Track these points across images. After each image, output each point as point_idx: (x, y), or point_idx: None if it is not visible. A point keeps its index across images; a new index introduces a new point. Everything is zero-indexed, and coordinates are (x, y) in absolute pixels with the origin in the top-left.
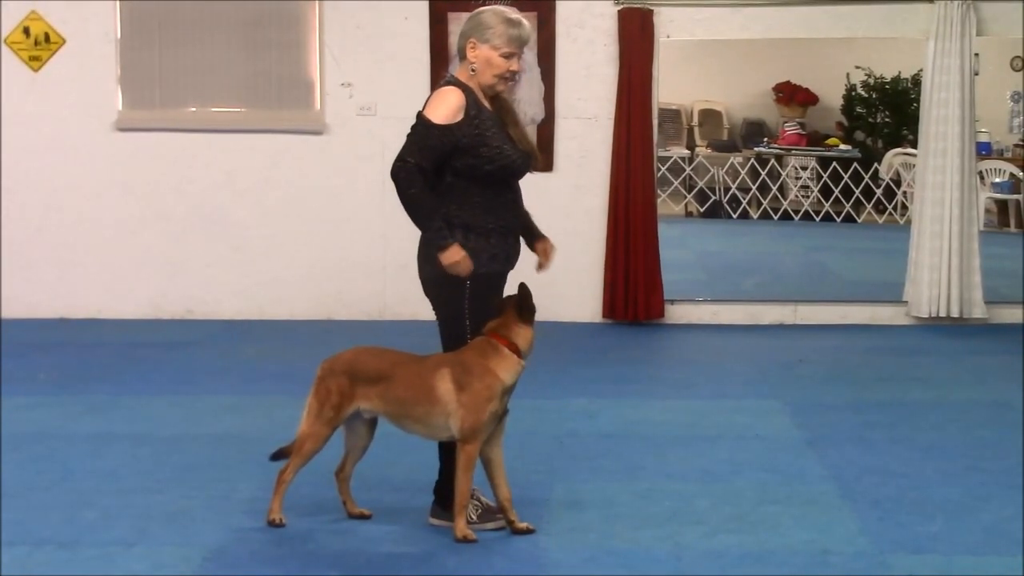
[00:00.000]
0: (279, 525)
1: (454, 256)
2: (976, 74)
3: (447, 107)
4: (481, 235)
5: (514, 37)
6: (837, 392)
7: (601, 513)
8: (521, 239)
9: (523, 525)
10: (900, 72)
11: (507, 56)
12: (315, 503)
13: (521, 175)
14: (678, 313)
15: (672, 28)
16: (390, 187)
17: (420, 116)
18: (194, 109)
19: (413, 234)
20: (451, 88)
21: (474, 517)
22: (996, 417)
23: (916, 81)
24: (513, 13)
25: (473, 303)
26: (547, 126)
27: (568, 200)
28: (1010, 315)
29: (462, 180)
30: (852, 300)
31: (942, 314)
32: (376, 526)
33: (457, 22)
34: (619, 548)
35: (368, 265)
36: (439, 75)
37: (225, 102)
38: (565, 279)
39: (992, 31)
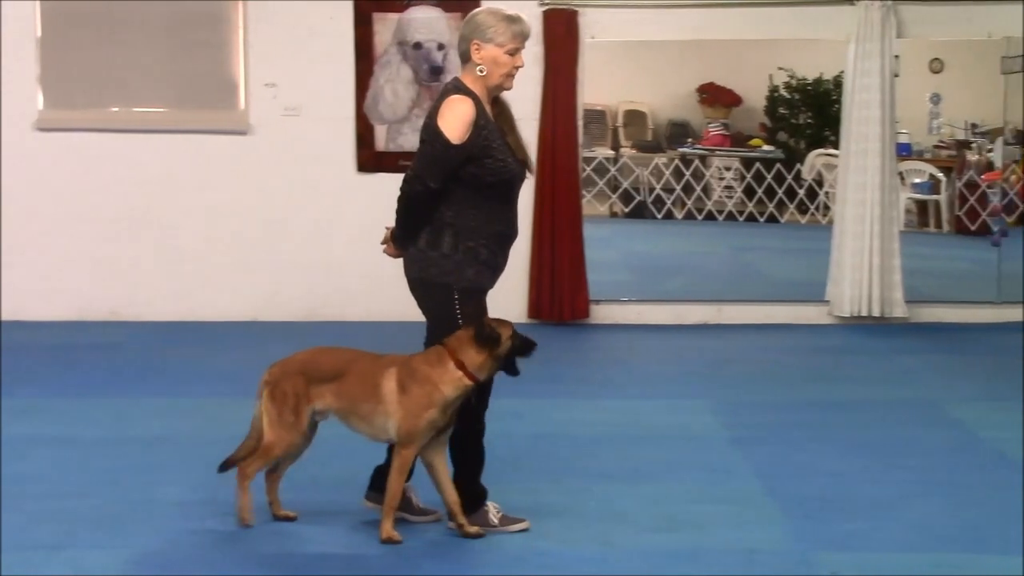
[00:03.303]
0: (248, 524)
1: (388, 250)
2: (896, 76)
3: (463, 123)
4: (472, 245)
5: (517, 32)
6: (762, 391)
7: (529, 513)
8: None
9: (473, 529)
10: (822, 74)
11: (512, 52)
12: (254, 508)
13: (519, 185)
14: (603, 313)
15: (597, 29)
16: (318, 187)
17: (438, 133)
18: (116, 109)
19: (342, 234)
20: (463, 99)
21: (495, 522)
22: (919, 415)
23: (838, 82)
24: (509, 10)
25: (463, 314)
26: None
27: None
28: (930, 314)
29: (461, 187)
30: (776, 300)
31: (863, 313)
32: (308, 527)
33: (382, 22)
34: (547, 548)
35: (297, 266)
36: (364, 75)
37: (148, 102)
38: None
39: (912, 33)
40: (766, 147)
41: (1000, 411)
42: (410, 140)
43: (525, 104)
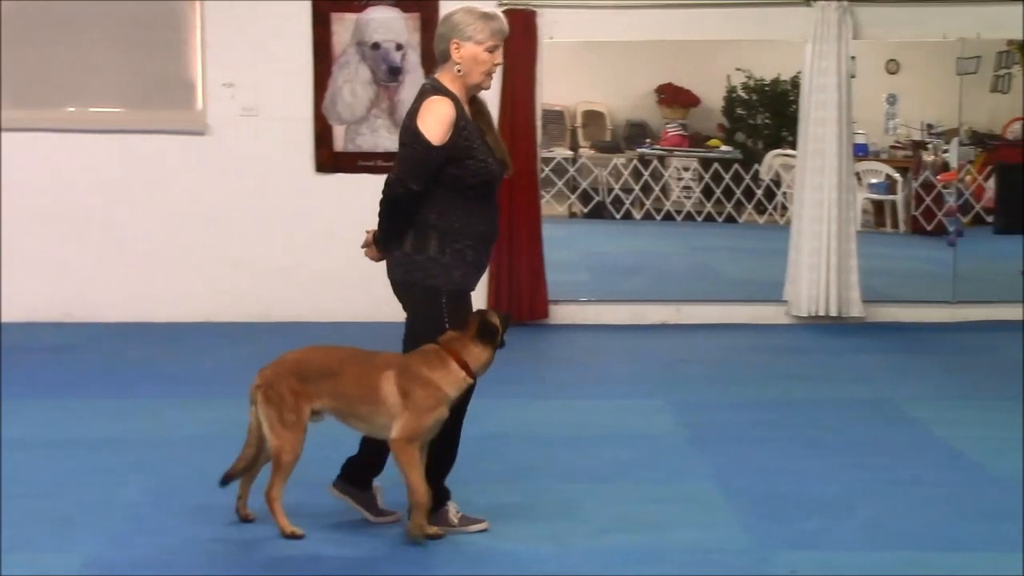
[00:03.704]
0: (299, 536)
1: (370, 253)
2: (853, 77)
3: (444, 125)
4: (458, 247)
5: (496, 30)
6: (720, 391)
7: (487, 513)
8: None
9: (432, 530)
10: (779, 74)
11: (491, 50)
12: (201, 507)
13: (499, 185)
14: (562, 313)
15: (555, 29)
16: (276, 187)
17: (418, 135)
18: (73, 109)
19: (300, 235)
20: (443, 99)
21: (455, 522)
22: (875, 414)
23: (795, 83)
24: (486, 7)
25: (450, 316)
26: None
27: None
28: (886, 314)
29: (443, 189)
30: (734, 300)
31: (821, 313)
32: (263, 527)
33: (340, 23)
34: (505, 548)
35: (252, 267)
36: (323, 76)
37: (105, 102)
38: None
39: (868, 35)
40: (724, 147)
41: (956, 409)
42: (369, 140)
43: None
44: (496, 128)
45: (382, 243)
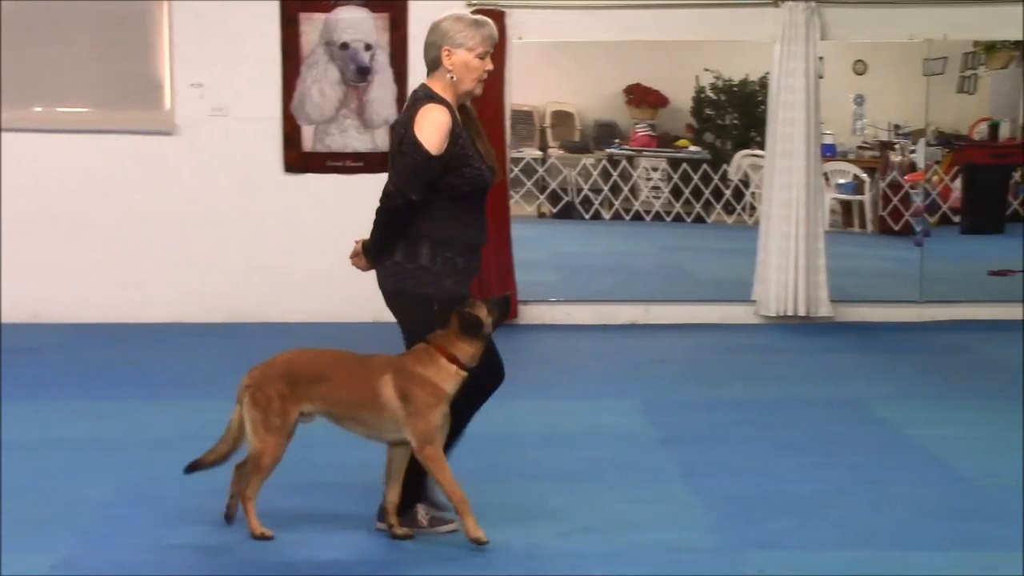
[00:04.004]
0: (268, 538)
1: (358, 262)
2: (821, 77)
3: (441, 133)
4: (449, 256)
5: (487, 36)
6: (690, 391)
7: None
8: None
9: (402, 531)
10: (748, 75)
11: (482, 56)
12: (176, 508)
13: (488, 191)
14: (532, 314)
15: (524, 30)
16: (244, 187)
17: (417, 145)
18: (40, 109)
19: (269, 235)
20: (438, 107)
21: (425, 523)
22: (845, 414)
23: (763, 84)
24: (474, 15)
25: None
26: None
27: None
28: (854, 313)
29: (438, 198)
30: (703, 300)
31: (789, 313)
32: (237, 530)
33: (309, 22)
34: (477, 548)
35: (223, 267)
36: (291, 76)
37: (72, 102)
38: None
39: (835, 35)
40: (692, 148)
41: (924, 409)
42: (338, 141)
43: None
44: (485, 134)
45: (373, 253)
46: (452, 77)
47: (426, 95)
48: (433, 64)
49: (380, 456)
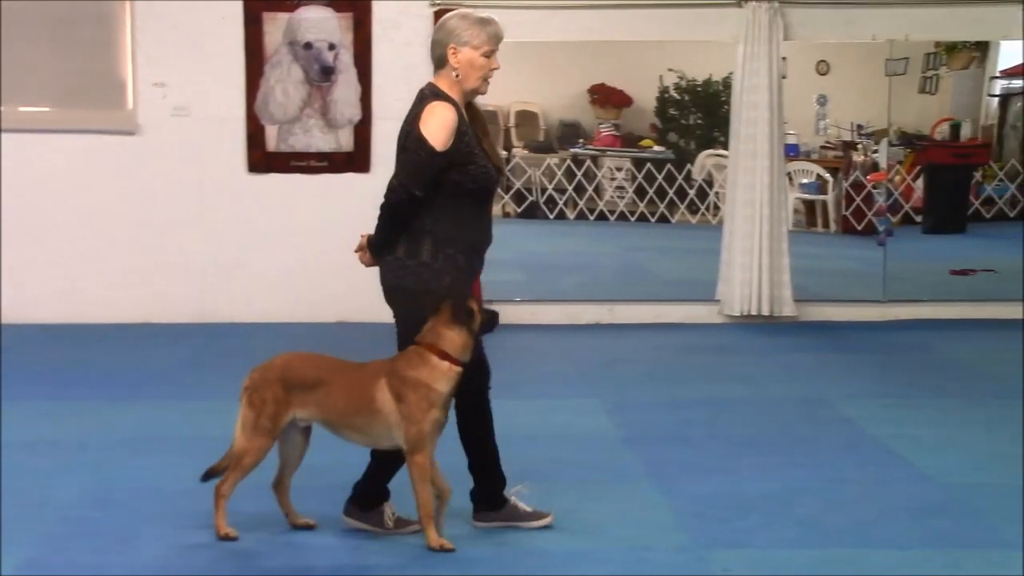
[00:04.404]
0: (233, 538)
1: (363, 257)
2: (784, 77)
3: (447, 130)
4: (451, 253)
5: (492, 34)
6: (654, 390)
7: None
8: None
9: (411, 529)
10: (711, 75)
11: (488, 55)
12: (138, 509)
13: (495, 191)
14: None
15: None
16: (208, 187)
17: (422, 141)
18: (2, 108)
19: (233, 235)
20: (444, 104)
21: (390, 524)
22: (808, 413)
23: (727, 84)
24: (481, 12)
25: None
26: (364, 128)
27: None
28: (818, 313)
29: (441, 195)
30: (667, 299)
31: (753, 312)
32: (203, 533)
33: (272, 22)
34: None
35: (187, 268)
36: (255, 75)
37: (34, 102)
38: None
39: (798, 36)
40: (657, 148)
41: (887, 408)
42: (301, 140)
43: None
44: (491, 133)
45: (376, 248)
46: (457, 75)
47: (432, 93)
48: (439, 62)
49: (355, 456)
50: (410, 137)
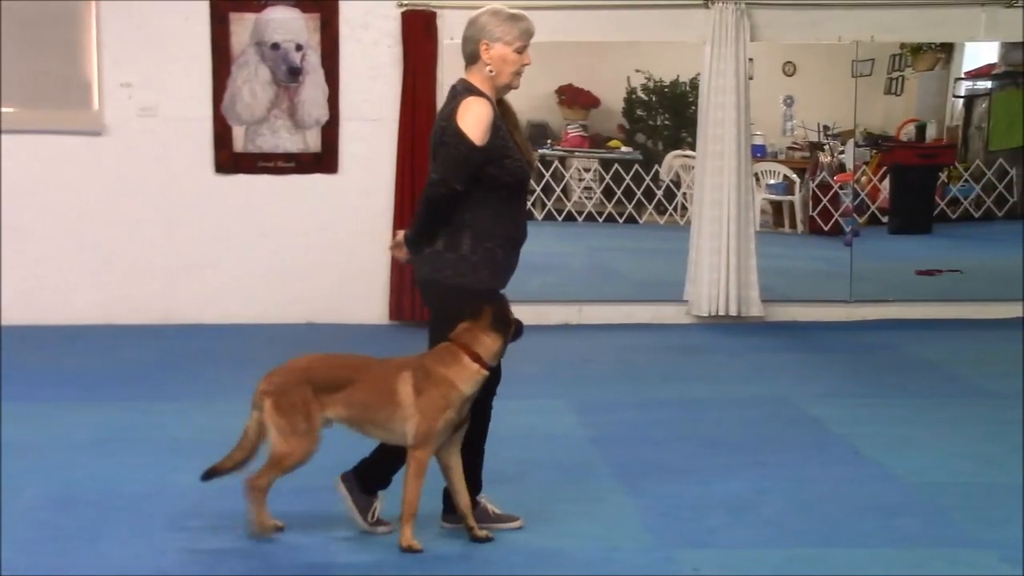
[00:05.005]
0: (280, 528)
1: (398, 253)
2: (751, 78)
3: (484, 125)
4: (490, 247)
5: (524, 30)
6: (622, 391)
7: (391, 515)
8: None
9: (483, 533)
10: (679, 76)
11: (520, 50)
12: (101, 511)
13: (529, 185)
14: None
15: (456, 30)
16: (175, 188)
17: (461, 135)
18: None
19: (200, 236)
20: (481, 100)
21: (370, 519)
22: (775, 412)
23: (694, 85)
24: (512, 9)
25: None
26: (332, 128)
27: (354, 202)
28: (785, 313)
29: (479, 189)
30: (635, 300)
31: (721, 312)
32: (163, 532)
33: (239, 22)
34: (409, 554)
35: (154, 268)
36: (222, 76)
37: None
38: (352, 281)
39: (765, 37)
40: (624, 148)
41: (853, 408)
42: (269, 141)
43: (385, 105)
44: (522, 129)
45: (414, 243)
46: (491, 71)
47: (466, 88)
48: (471, 58)
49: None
50: (447, 132)
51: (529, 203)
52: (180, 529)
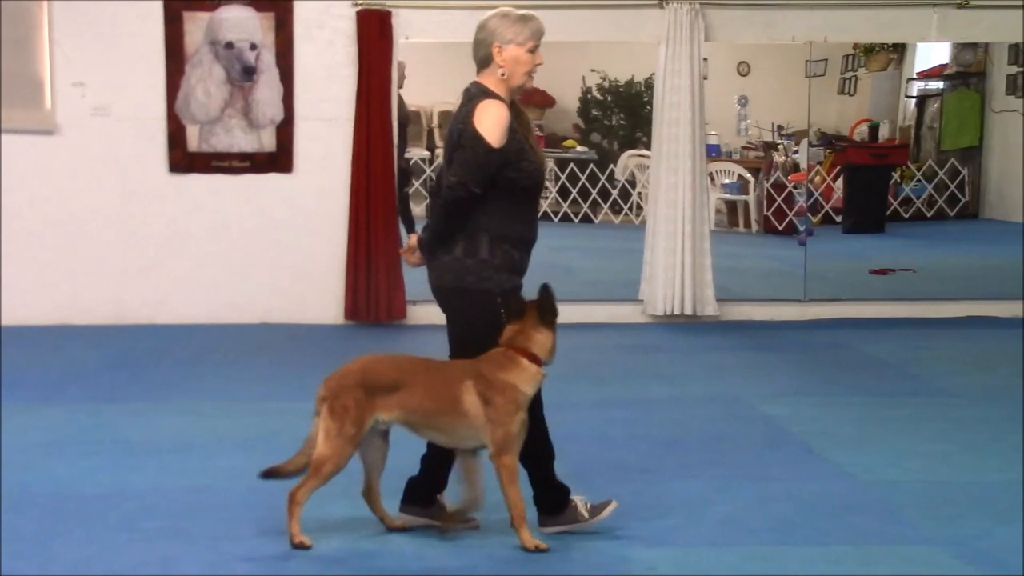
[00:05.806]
0: (307, 547)
1: (411, 258)
2: (705, 78)
3: (500, 126)
4: (507, 248)
5: (535, 30)
6: (577, 390)
7: (352, 517)
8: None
9: (452, 532)
10: (634, 75)
11: (532, 51)
12: (53, 513)
13: (542, 187)
14: (420, 314)
15: (411, 30)
16: (128, 188)
17: (479, 138)
18: None
19: (153, 236)
20: (498, 103)
21: (585, 515)
22: (729, 411)
23: (649, 85)
24: (521, 10)
25: (506, 312)
26: (287, 128)
27: (309, 202)
28: (740, 312)
29: (494, 192)
30: (591, 299)
31: (676, 312)
32: (119, 533)
33: (192, 21)
34: (365, 549)
35: (107, 269)
36: (175, 75)
37: None
38: (307, 281)
39: (719, 37)
40: (580, 148)
41: (808, 406)
42: (223, 141)
43: (340, 105)
44: (533, 131)
45: (430, 247)
46: (504, 73)
47: (481, 91)
48: (483, 61)
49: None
50: (464, 135)
51: None
52: (134, 531)
